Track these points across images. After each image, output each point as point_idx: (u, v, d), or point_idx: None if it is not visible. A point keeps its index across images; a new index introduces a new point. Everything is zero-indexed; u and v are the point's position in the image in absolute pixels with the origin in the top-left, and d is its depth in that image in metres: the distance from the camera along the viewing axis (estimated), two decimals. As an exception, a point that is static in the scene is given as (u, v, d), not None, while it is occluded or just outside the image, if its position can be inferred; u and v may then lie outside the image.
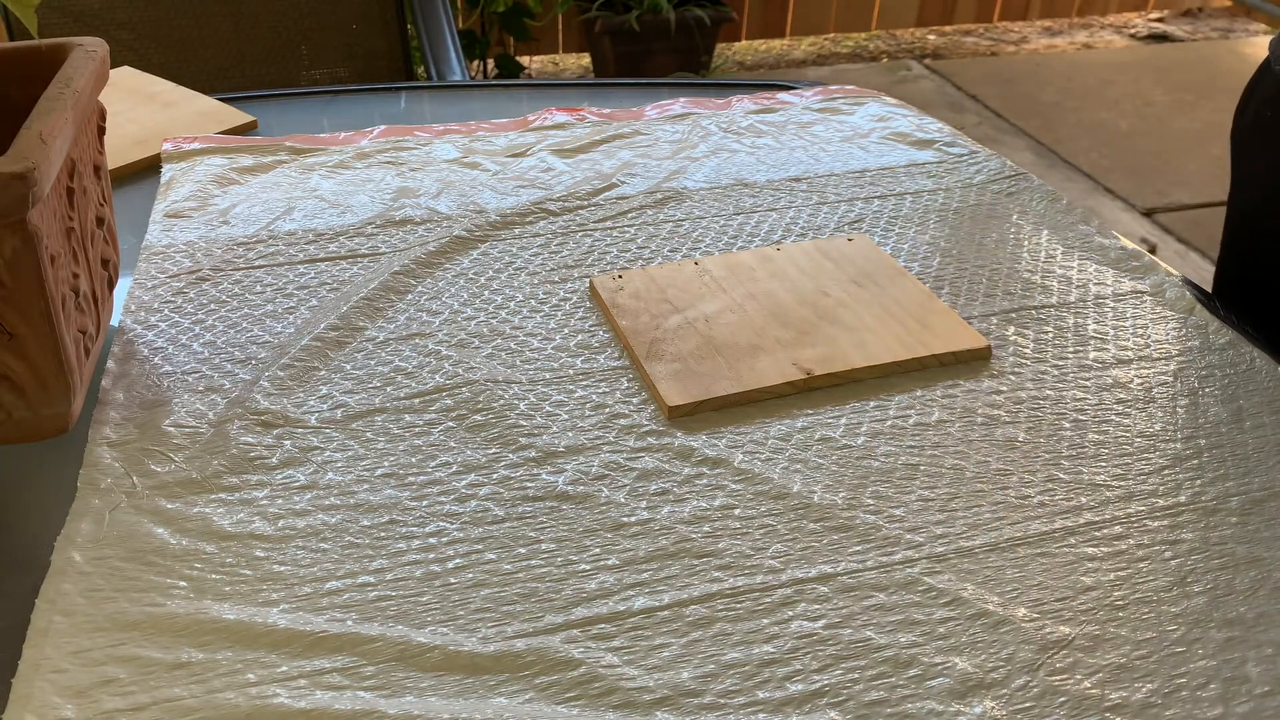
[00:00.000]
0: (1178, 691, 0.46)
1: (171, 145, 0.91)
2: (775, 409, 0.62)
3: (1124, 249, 0.78)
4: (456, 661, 0.46)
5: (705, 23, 2.91)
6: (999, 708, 0.45)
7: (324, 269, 0.75)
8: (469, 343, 0.67)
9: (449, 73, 1.47)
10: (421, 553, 0.52)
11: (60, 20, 1.41)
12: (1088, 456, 0.59)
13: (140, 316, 0.69)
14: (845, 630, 0.48)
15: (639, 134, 0.96)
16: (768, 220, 0.82)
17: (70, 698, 0.44)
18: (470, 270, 0.75)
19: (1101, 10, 3.87)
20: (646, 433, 0.60)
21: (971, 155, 0.93)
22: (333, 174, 0.88)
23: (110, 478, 0.55)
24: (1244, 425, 0.61)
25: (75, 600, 0.48)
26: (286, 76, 1.53)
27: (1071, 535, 0.53)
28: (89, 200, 0.62)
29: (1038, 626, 0.48)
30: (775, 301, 0.70)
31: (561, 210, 0.83)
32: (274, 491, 0.55)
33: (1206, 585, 0.51)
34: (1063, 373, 0.65)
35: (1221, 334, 0.69)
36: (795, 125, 0.98)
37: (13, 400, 0.53)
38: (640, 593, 0.50)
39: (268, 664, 0.46)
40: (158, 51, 1.46)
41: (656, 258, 0.77)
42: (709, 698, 0.45)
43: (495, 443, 0.59)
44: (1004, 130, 2.92)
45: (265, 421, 0.60)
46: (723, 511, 0.54)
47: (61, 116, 0.54)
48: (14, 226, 0.50)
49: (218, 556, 0.51)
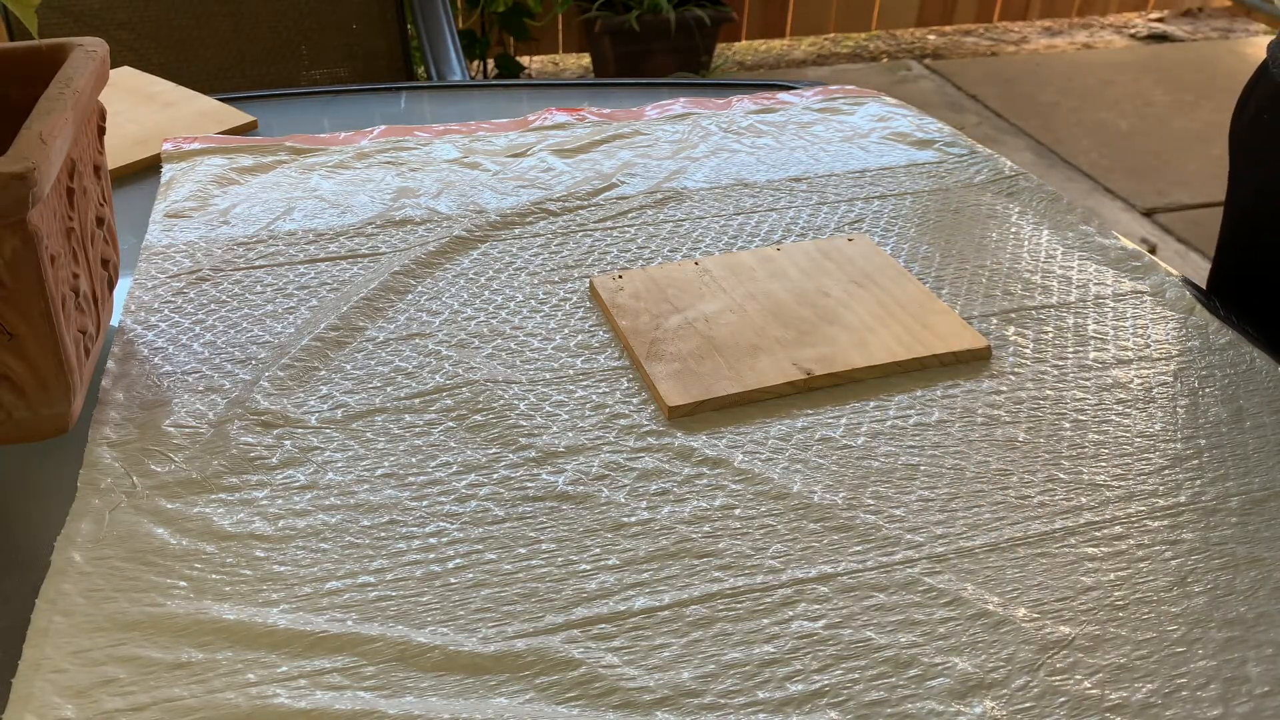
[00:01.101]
0: (1178, 691, 0.46)
1: (171, 145, 0.91)
2: (775, 409, 0.62)
3: (1124, 249, 0.78)
4: (457, 661, 0.46)
5: (705, 23, 2.91)
6: (999, 708, 0.45)
7: (324, 269, 0.75)
8: (469, 343, 0.67)
9: (449, 73, 1.47)
10: (421, 553, 0.52)
11: (60, 20, 1.41)
12: (1088, 456, 0.59)
13: (140, 316, 0.69)
14: (845, 630, 0.48)
15: (639, 134, 0.96)
16: (768, 220, 0.82)
17: (70, 698, 0.44)
18: (470, 270, 0.75)
19: (1101, 10, 3.87)
20: (646, 433, 0.60)
21: (971, 155, 0.93)
22: (333, 174, 0.88)
23: (110, 478, 0.55)
24: (1244, 425, 0.61)
25: (75, 600, 0.48)
26: (286, 76, 1.53)
27: (1071, 535, 0.53)
28: (89, 200, 0.62)
29: (1038, 626, 0.48)
30: (775, 301, 0.70)
31: (561, 210, 0.83)
32: (274, 491, 0.55)
33: (1206, 585, 0.51)
34: (1063, 373, 0.65)
35: (1221, 334, 0.69)
36: (795, 125, 0.98)
37: (13, 400, 0.53)
38: (640, 593, 0.50)
39: (268, 664, 0.46)
40: (158, 51, 1.46)
41: (656, 258, 0.77)
42: (709, 698, 0.45)
43: (495, 443, 0.59)
44: (1004, 130, 2.92)
45: (265, 421, 0.60)
46: (723, 511, 0.54)
47: (61, 116, 0.54)
48: (14, 226, 0.50)
49: (218, 556, 0.51)
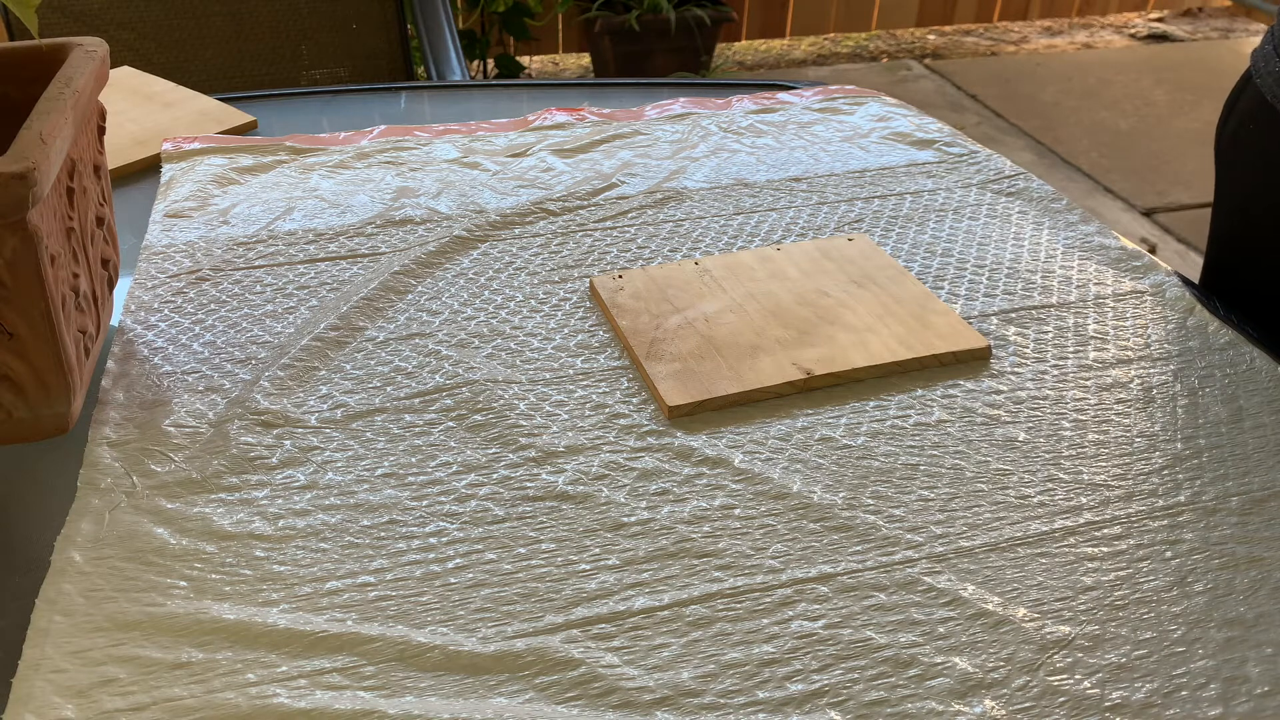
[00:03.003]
0: (1178, 691, 0.46)
1: (171, 145, 0.91)
2: (775, 409, 0.62)
3: (1124, 249, 0.78)
4: (456, 661, 0.46)
5: (705, 23, 2.91)
6: (999, 708, 0.45)
7: (324, 269, 0.75)
8: (469, 343, 0.67)
9: (449, 73, 1.47)
10: (421, 553, 0.52)
11: (60, 20, 1.41)
12: (1088, 456, 0.59)
13: (140, 316, 0.69)
14: (845, 630, 0.48)
15: (639, 134, 0.96)
16: (768, 220, 0.82)
17: (70, 698, 0.44)
18: (470, 270, 0.75)
19: (1101, 10, 3.87)
20: (646, 433, 0.60)
21: (971, 155, 0.93)
22: (333, 174, 0.88)
23: (110, 478, 0.55)
24: (1244, 425, 0.61)
25: (75, 600, 0.48)
26: (286, 76, 1.53)
27: (1071, 535, 0.53)
28: (89, 200, 0.62)
29: (1038, 626, 0.48)
30: (775, 301, 0.70)
31: (561, 210, 0.83)
32: (274, 491, 0.55)
33: (1206, 585, 0.51)
34: (1063, 373, 0.65)
35: (1221, 334, 0.69)
36: (795, 125, 0.98)
37: (13, 400, 0.53)
38: (640, 593, 0.50)
39: (268, 664, 0.46)
40: (158, 51, 1.46)
41: (656, 258, 0.77)
42: (709, 698, 0.45)
43: (495, 443, 0.59)
44: (1004, 130, 2.92)
45: (265, 421, 0.60)
46: (723, 511, 0.54)
47: (61, 116, 0.54)
48: (14, 226, 0.50)
49: (218, 556, 0.51)
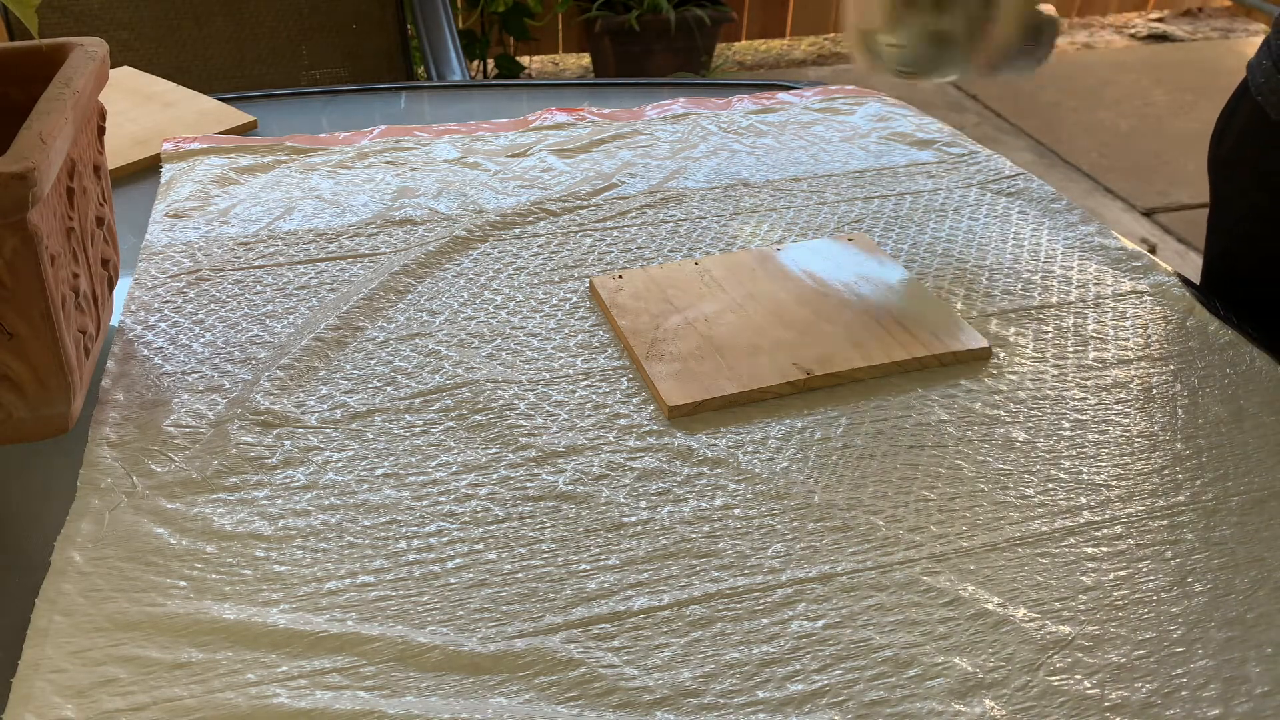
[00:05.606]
0: (1178, 691, 0.46)
1: (171, 145, 0.91)
2: (775, 409, 0.62)
3: (1124, 249, 0.78)
4: (456, 661, 0.46)
5: (705, 23, 2.91)
6: (999, 708, 0.45)
7: (324, 269, 0.75)
8: (469, 343, 0.67)
9: (449, 73, 1.47)
10: (421, 553, 0.52)
11: (60, 20, 1.41)
12: (1088, 456, 0.59)
13: (140, 316, 0.69)
14: (845, 630, 0.48)
15: (639, 134, 0.96)
16: (768, 220, 0.82)
17: (70, 698, 0.44)
18: (470, 270, 0.75)
19: (1101, 10, 3.87)
20: (646, 433, 0.60)
21: (971, 155, 0.93)
22: (333, 174, 0.88)
23: (110, 478, 0.55)
24: (1244, 425, 0.61)
25: (75, 600, 0.48)
26: (286, 76, 1.53)
27: (1071, 535, 0.53)
28: (89, 200, 0.62)
29: (1038, 626, 0.48)
30: (775, 301, 0.70)
31: (561, 210, 0.83)
32: (274, 491, 0.55)
33: (1206, 585, 0.51)
34: (1063, 373, 0.65)
35: (1221, 334, 0.69)
36: (795, 125, 0.98)
37: (13, 400, 0.53)
38: (640, 593, 0.50)
39: (268, 664, 0.46)
40: (158, 51, 1.46)
41: (657, 258, 0.77)
42: (709, 698, 0.45)
43: (495, 443, 0.59)
44: (1004, 130, 2.92)
45: (265, 421, 0.60)
46: (723, 511, 0.54)
47: (61, 116, 0.54)
48: (14, 226, 0.50)
49: (218, 556, 0.51)
